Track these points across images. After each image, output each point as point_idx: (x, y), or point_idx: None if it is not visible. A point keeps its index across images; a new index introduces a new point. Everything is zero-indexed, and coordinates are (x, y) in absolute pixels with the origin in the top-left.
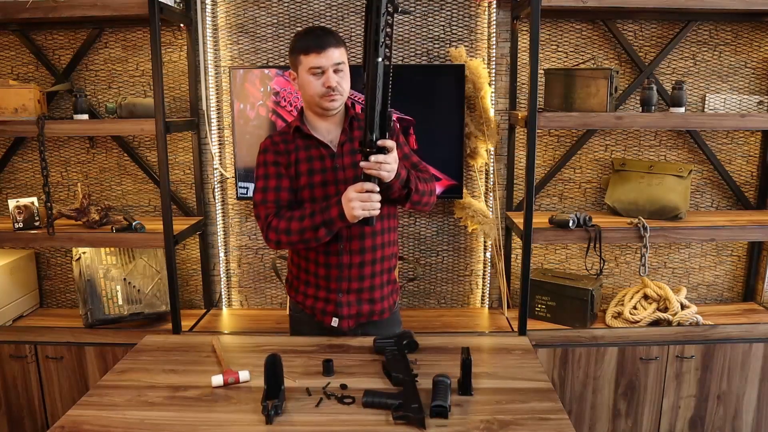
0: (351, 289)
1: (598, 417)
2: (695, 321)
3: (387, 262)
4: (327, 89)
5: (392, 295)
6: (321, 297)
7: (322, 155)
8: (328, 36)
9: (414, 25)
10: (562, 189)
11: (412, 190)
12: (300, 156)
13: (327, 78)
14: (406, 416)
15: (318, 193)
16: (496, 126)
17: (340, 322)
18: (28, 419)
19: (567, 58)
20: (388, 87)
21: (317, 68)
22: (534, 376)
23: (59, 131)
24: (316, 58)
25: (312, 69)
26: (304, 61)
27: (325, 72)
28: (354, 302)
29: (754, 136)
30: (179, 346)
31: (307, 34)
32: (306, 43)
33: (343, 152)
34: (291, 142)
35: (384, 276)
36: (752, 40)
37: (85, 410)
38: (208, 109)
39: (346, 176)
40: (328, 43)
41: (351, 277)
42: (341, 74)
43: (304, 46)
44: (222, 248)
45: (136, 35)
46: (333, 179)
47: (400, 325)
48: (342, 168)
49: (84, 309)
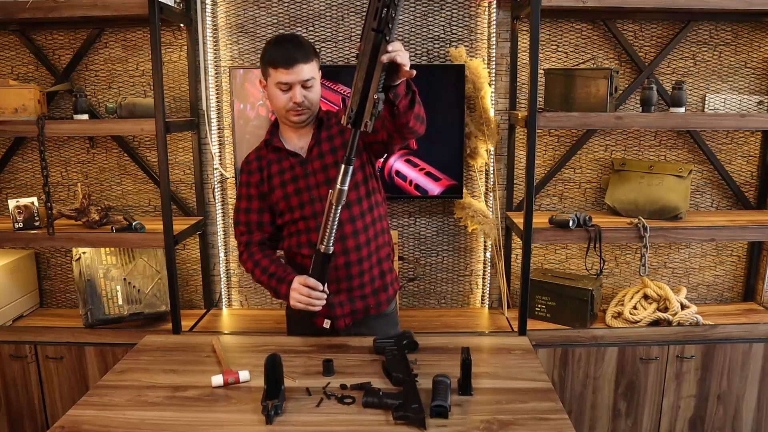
0: (341, 289)
1: (598, 417)
2: (695, 321)
3: (375, 255)
4: (293, 104)
5: (391, 284)
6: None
7: (292, 164)
8: (298, 51)
9: (414, 25)
10: (562, 189)
11: (415, 92)
12: (272, 170)
13: (294, 94)
14: (406, 416)
15: (294, 201)
16: (496, 126)
17: (335, 323)
18: (28, 419)
19: (567, 58)
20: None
21: (284, 84)
22: (534, 376)
23: (59, 131)
24: (283, 74)
25: (279, 84)
26: (273, 74)
27: (292, 88)
28: (346, 301)
29: (754, 136)
30: (179, 346)
31: (277, 46)
32: (274, 57)
33: (311, 157)
34: (264, 157)
35: (374, 270)
36: (752, 40)
37: (85, 410)
38: (208, 109)
39: (317, 180)
40: (296, 59)
41: (339, 278)
42: (310, 89)
43: (273, 60)
44: (222, 248)
45: (136, 35)
46: (305, 185)
47: (396, 325)
48: (312, 173)
49: (84, 309)
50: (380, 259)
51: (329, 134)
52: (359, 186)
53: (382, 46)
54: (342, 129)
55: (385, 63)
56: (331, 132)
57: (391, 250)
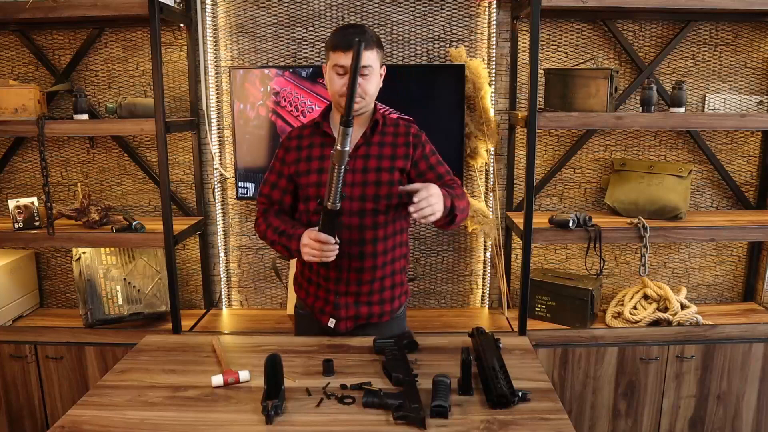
0: (349, 292)
1: (598, 417)
2: (695, 321)
3: (390, 266)
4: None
5: (399, 297)
6: (321, 296)
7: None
8: (360, 34)
9: (414, 25)
10: (562, 189)
11: (456, 216)
12: (314, 153)
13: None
14: (406, 416)
15: (324, 192)
16: (496, 126)
17: (337, 324)
18: (28, 419)
19: (567, 58)
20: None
21: (340, 67)
22: (534, 376)
23: (59, 131)
24: (341, 56)
25: (335, 67)
26: (332, 57)
27: (347, 72)
28: (352, 304)
29: (754, 136)
30: (179, 346)
31: (341, 30)
32: (335, 40)
33: (356, 155)
34: (307, 137)
35: (386, 280)
36: (752, 40)
37: (85, 410)
38: (208, 109)
39: (354, 179)
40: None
41: (349, 280)
42: (366, 77)
43: (333, 42)
44: (222, 248)
45: (136, 35)
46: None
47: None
48: (352, 171)
49: (84, 309)
50: (394, 271)
51: (381, 140)
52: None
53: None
54: (395, 140)
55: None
56: (384, 139)
57: (407, 263)
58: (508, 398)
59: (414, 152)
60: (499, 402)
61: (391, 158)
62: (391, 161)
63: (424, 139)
